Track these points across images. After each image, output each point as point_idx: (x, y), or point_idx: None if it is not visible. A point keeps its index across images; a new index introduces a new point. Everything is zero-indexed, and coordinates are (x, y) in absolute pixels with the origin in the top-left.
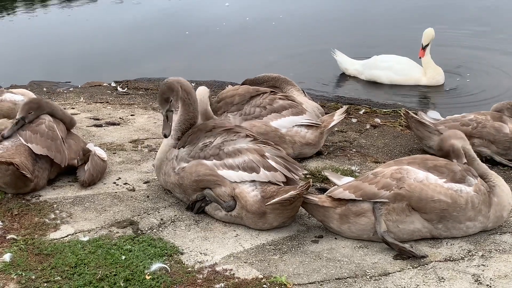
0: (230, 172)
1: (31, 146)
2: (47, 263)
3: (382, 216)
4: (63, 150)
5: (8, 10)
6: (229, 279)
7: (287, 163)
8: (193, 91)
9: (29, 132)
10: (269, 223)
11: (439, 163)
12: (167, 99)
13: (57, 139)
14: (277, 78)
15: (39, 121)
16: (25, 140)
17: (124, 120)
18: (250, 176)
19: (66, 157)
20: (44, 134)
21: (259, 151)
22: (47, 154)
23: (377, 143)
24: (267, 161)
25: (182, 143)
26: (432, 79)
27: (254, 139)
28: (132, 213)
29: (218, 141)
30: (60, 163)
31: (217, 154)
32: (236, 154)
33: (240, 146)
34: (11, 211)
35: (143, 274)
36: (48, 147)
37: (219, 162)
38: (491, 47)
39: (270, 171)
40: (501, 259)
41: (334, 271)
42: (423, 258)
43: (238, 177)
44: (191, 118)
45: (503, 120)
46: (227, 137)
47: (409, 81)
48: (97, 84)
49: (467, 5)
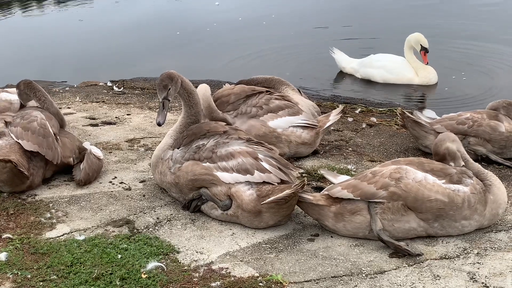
0: (225, 174)
1: (21, 143)
2: (43, 262)
3: (378, 214)
4: (55, 147)
5: (4, 10)
6: (225, 277)
7: (280, 164)
8: (195, 92)
9: (20, 129)
10: (265, 222)
11: (435, 167)
12: (165, 86)
13: (49, 136)
14: (270, 79)
15: (31, 118)
16: (16, 136)
17: (120, 120)
18: (244, 178)
19: (58, 154)
20: (36, 131)
21: (252, 154)
22: (37, 150)
23: (373, 142)
24: (261, 163)
25: (176, 144)
26: (424, 78)
27: (246, 141)
28: (128, 212)
29: (211, 143)
30: (52, 160)
31: (211, 158)
32: (229, 157)
33: (233, 149)
34: (7, 210)
35: (139, 273)
36: (39, 143)
37: (213, 165)
38: (487, 46)
39: (265, 173)
40: (496, 257)
41: (330, 269)
42: (419, 256)
43: (233, 178)
44: (193, 122)
45: (499, 118)
46: (220, 139)
47: (402, 80)
48: (93, 84)
49: (463, 4)
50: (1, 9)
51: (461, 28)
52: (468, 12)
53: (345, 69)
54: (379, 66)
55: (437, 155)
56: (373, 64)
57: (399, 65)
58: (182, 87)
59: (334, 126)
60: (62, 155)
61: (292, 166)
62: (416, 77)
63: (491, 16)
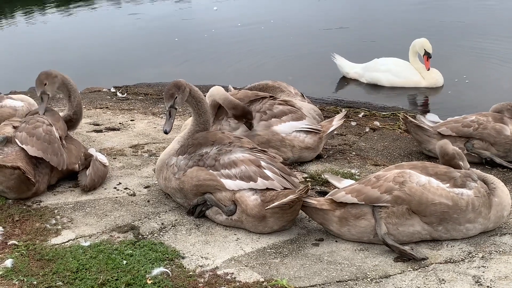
0: (228, 181)
1: (26, 148)
2: (49, 269)
3: (382, 219)
4: (61, 154)
5: (7, 16)
6: (231, 282)
7: (282, 172)
8: (204, 101)
9: (25, 134)
10: (269, 227)
11: (439, 171)
12: (172, 95)
13: (54, 143)
14: (272, 86)
15: (36, 124)
16: (20, 141)
17: (124, 125)
18: (248, 185)
19: (64, 161)
20: (41, 137)
21: (254, 162)
22: (42, 156)
23: (376, 146)
24: (264, 171)
25: (181, 152)
26: (431, 80)
27: (249, 149)
28: (133, 218)
29: (214, 151)
30: (57, 166)
31: (213, 166)
32: (232, 165)
33: (236, 157)
34: (12, 217)
35: (145, 279)
36: (43, 149)
37: (216, 172)
38: (490, 50)
39: (268, 180)
40: (501, 260)
41: (335, 274)
42: (424, 260)
43: (237, 185)
44: (201, 130)
45: (504, 121)
46: (223, 147)
47: (409, 83)
48: (96, 90)
49: (466, 8)
50: (5, 16)
51: (462, 30)
52: (469, 13)
53: (349, 74)
54: (385, 70)
55: (446, 155)
56: (378, 68)
57: (405, 68)
58: (190, 95)
59: (337, 130)
60: (68, 162)
61: (294, 174)
62: (423, 80)
63: (491, 17)
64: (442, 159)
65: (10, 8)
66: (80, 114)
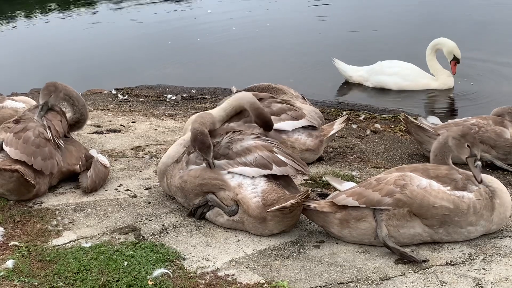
0: (246, 168)
1: (8, 150)
2: (50, 270)
3: (383, 221)
4: (50, 157)
5: (8, 19)
6: (231, 284)
7: (294, 158)
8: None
9: (11, 136)
10: (270, 229)
11: (440, 173)
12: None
13: (44, 146)
14: (273, 87)
15: (28, 125)
16: (5, 143)
17: (125, 127)
18: (265, 172)
19: (53, 164)
20: (29, 141)
21: (267, 147)
22: (24, 159)
23: (377, 148)
24: (277, 156)
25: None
26: (444, 81)
27: (258, 137)
28: (134, 219)
29: (225, 140)
30: (44, 171)
31: (227, 154)
32: (246, 152)
33: (249, 144)
34: (14, 218)
35: (146, 280)
36: (28, 153)
37: (231, 161)
38: (495, 52)
39: (281, 166)
40: (502, 263)
41: (336, 276)
42: (424, 263)
43: (256, 172)
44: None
45: (505, 125)
46: (234, 136)
47: (418, 86)
48: (97, 92)
49: (469, 9)
50: (6, 19)
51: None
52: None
53: (352, 78)
54: (392, 73)
55: (463, 137)
56: (385, 71)
57: (413, 71)
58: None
59: (338, 133)
60: (63, 163)
61: (302, 162)
62: (432, 82)
63: (492, 17)
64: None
65: (11, 10)
66: (86, 115)
